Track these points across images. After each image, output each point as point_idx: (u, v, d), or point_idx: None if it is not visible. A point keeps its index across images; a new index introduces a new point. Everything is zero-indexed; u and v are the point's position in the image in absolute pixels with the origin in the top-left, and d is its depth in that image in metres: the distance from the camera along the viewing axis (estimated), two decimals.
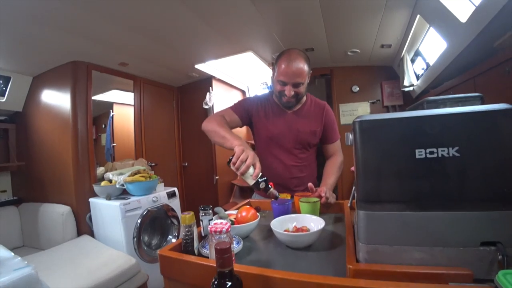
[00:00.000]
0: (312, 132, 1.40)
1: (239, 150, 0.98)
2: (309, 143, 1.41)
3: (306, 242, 0.81)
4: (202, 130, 1.33)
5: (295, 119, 1.40)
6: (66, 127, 2.44)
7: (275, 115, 1.42)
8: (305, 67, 1.26)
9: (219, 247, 0.51)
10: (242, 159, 0.96)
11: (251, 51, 2.64)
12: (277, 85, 1.32)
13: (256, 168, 0.98)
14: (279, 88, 1.31)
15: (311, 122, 1.41)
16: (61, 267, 1.78)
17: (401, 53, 2.77)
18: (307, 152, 1.44)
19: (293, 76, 1.25)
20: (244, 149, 0.99)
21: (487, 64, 1.50)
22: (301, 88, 1.30)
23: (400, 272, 0.57)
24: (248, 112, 1.43)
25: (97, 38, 2.14)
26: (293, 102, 1.34)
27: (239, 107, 1.43)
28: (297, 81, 1.26)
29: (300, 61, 1.25)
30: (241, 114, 1.41)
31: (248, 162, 0.96)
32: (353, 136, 0.59)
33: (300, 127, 1.39)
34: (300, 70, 1.25)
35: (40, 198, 2.59)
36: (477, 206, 0.55)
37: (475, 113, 0.55)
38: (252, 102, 1.46)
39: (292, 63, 1.24)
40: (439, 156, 0.55)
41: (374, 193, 0.59)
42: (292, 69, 1.24)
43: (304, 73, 1.26)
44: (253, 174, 0.97)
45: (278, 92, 1.33)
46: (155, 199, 2.40)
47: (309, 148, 1.43)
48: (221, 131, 1.19)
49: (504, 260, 0.52)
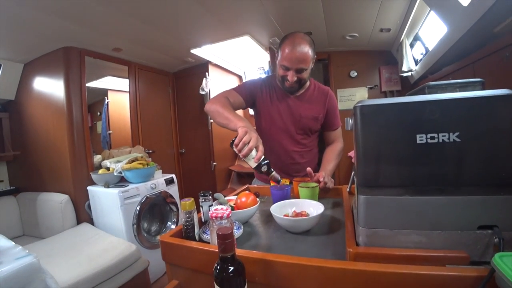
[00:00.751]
0: (315, 117, 1.39)
1: (242, 131, 0.97)
2: (311, 128, 1.41)
3: (306, 226, 0.82)
4: (205, 111, 1.31)
5: (298, 104, 1.39)
6: (61, 114, 2.41)
7: (278, 99, 1.40)
8: (309, 52, 1.22)
9: (221, 233, 0.51)
10: (245, 141, 0.95)
11: (248, 35, 2.59)
12: (280, 69, 1.30)
13: (259, 151, 0.97)
14: (282, 73, 1.29)
15: (314, 107, 1.40)
16: (62, 255, 1.80)
17: (400, 38, 2.73)
18: (309, 138, 1.43)
19: (296, 62, 1.22)
20: (247, 131, 0.97)
21: (487, 50, 1.49)
22: (304, 73, 1.28)
23: (399, 255, 0.58)
24: (252, 94, 1.41)
25: (89, 23, 2.08)
26: (295, 87, 1.33)
27: (243, 88, 1.41)
28: (300, 66, 1.24)
29: (305, 46, 1.21)
30: (245, 95, 1.39)
31: (250, 145, 0.94)
32: (354, 121, 0.59)
33: (302, 112, 1.38)
34: (304, 56, 1.21)
35: (38, 187, 2.59)
36: (475, 191, 0.56)
37: (476, 99, 0.55)
38: (256, 84, 1.45)
39: (296, 47, 1.20)
40: (440, 141, 0.55)
41: (374, 178, 0.59)
42: (296, 55, 1.21)
43: (308, 58, 1.23)
44: (256, 157, 0.96)
45: (281, 77, 1.31)
46: (153, 186, 2.40)
47: (311, 134, 1.43)
48: (225, 112, 1.17)
49: (500, 243, 0.53)
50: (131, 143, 3.01)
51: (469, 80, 0.63)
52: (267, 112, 1.41)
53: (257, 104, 1.44)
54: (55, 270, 1.51)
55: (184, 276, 0.76)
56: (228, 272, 0.52)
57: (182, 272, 0.76)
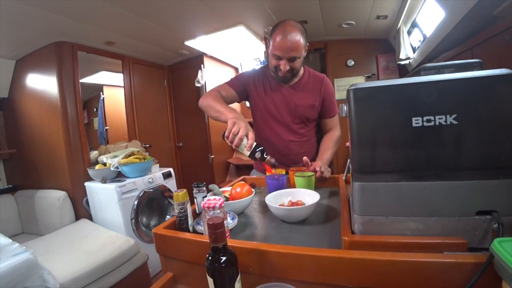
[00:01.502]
0: (310, 105, 1.37)
1: (231, 123, 0.98)
2: (308, 117, 1.39)
3: (301, 216, 0.81)
4: (199, 106, 1.32)
5: (292, 93, 1.37)
6: (55, 111, 2.37)
7: (272, 90, 1.39)
8: (301, 40, 1.20)
9: (212, 222, 0.50)
10: (234, 132, 0.96)
11: (243, 25, 2.54)
12: (272, 59, 1.28)
13: (249, 138, 0.97)
14: (274, 62, 1.27)
15: (309, 95, 1.37)
16: (61, 251, 1.79)
17: (397, 25, 2.69)
18: (306, 127, 1.41)
19: (288, 50, 1.20)
20: (235, 122, 0.98)
21: (486, 34, 1.46)
22: (297, 62, 1.26)
23: (395, 243, 0.57)
24: (245, 87, 1.40)
25: (81, 16, 2.03)
26: (288, 77, 1.31)
27: (236, 81, 1.41)
28: (292, 55, 1.21)
29: (296, 34, 1.18)
30: (238, 88, 1.38)
31: (240, 134, 0.95)
32: (348, 105, 0.57)
33: (297, 101, 1.35)
34: (295, 44, 1.19)
35: (35, 185, 2.57)
36: (474, 175, 0.54)
37: (474, 79, 0.53)
38: (249, 76, 1.43)
39: (287, 36, 1.18)
40: (437, 124, 0.53)
41: (369, 163, 0.58)
42: (287, 43, 1.18)
43: (299, 46, 1.21)
44: (247, 145, 0.97)
45: (274, 66, 1.29)
46: (151, 180, 2.39)
47: (308, 123, 1.41)
48: (216, 106, 1.19)
49: (499, 228, 0.52)
50: (128, 139, 2.99)
51: (467, 61, 0.60)
52: (261, 104, 1.39)
53: (251, 96, 1.42)
54: (54, 266, 1.51)
55: (179, 268, 0.75)
56: (220, 262, 0.51)
57: (177, 264, 0.75)
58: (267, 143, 1.36)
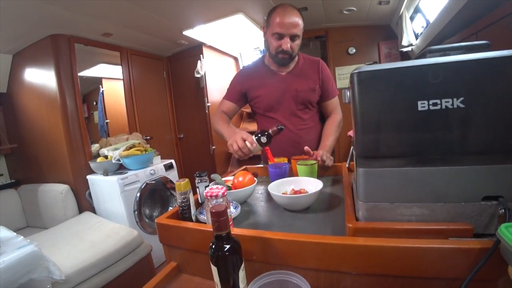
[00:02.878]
0: (312, 89, 1.36)
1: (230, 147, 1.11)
2: (310, 101, 1.38)
3: (304, 204, 0.81)
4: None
5: (292, 79, 1.37)
6: (54, 104, 2.36)
7: (271, 80, 1.38)
8: (300, 20, 1.24)
9: (215, 210, 0.49)
10: (236, 151, 1.07)
11: (242, 13, 2.49)
12: (272, 40, 1.27)
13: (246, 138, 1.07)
14: (275, 43, 1.26)
15: (308, 79, 1.37)
16: (66, 243, 1.81)
17: (399, 10, 2.63)
18: (310, 112, 1.41)
19: (290, 27, 1.21)
20: (231, 143, 1.09)
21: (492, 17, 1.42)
22: (296, 42, 1.27)
23: (400, 229, 0.56)
24: (241, 92, 1.43)
25: (76, 7, 1.99)
26: (287, 58, 1.30)
27: (232, 92, 1.46)
28: (294, 32, 1.23)
29: (295, 14, 1.23)
30: (235, 98, 1.44)
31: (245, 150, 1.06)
32: (351, 89, 0.55)
33: (298, 87, 1.35)
34: (296, 22, 1.22)
35: (38, 179, 2.58)
36: (480, 160, 0.53)
37: (482, 60, 0.51)
38: (243, 77, 1.45)
39: (288, 14, 1.21)
40: (443, 108, 0.52)
41: (373, 148, 0.56)
42: (289, 20, 1.21)
43: (299, 25, 1.24)
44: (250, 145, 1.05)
45: (275, 48, 1.27)
46: (152, 172, 2.39)
47: (311, 107, 1.41)
48: (219, 129, 1.36)
49: (506, 214, 0.51)
50: (128, 131, 2.98)
51: (474, 43, 0.58)
52: (263, 97, 1.39)
53: (250, 95, 1.42)
54: (59, 258, 1.52)
55: (182, 257, 0.75)
56: (224, 250, 0.51)
57: (180, 253, 0.75)
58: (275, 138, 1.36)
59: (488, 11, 1.44)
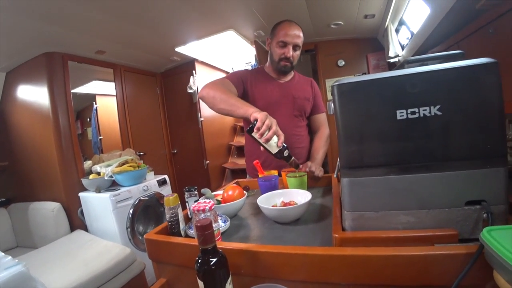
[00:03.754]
0: (307, 98, 1.47)
1: (263, 115, 0.91)
2: (305, 110, 1.47)
3: (294, 215, 0.81)
4: (200, 97, 1.25)
5: (289, 86, 1.46)
6: (47, 122, 2.35)
7: (270, 84, 1.45)
8: (301, 34, 1.36)
9: (200, 224, 0.49)
10: (268, 124, 0.89)
11: (232, 29, 2.55)
12: (276, 49, 1.36)
13: (280, 135, 0.92)
14: (279, 51, 1.35)
15: (304, 89, 1.48)
16: (56, 263, 1.76)
17: (385, 23, 2.71)
18: (303, 122, 1.48)
19: (294, 37, 1.32)
20: (267, 115, 0.92)
21: (471, 27, 1.47)
22: (298, 52, 1.38)
23: (386, 237, 0.57)
24: (243, 82, 1.41)
25: (70, 25, 2.02)
26: (289, 66, 1.39)
27: (234, 77, 1.39)
28: (297, 42, 1.34)
29: (298, 28, 1.36)
30: (237, 84, 1.36)
31: (274, 128, 0.90)
32: (333, 101, 0.57)
33: (295, 94, 1.43)
34: (299, 34, 1.34)
35: (28, 197, 2.53)
36: (461, 165, 0.54)
37: (456, 69, 0.53)
38: (245, 72, 1.49)
39: (292, 26, 1.34)
40: (421, 116, 0.53)
41: (356, 158, 0.57)
42: (294, 31, 1.33)
43: (301, 38, 1.36)
44: (278, 141, 0.92)
45: (279, 55, 1.36)
46: (145, 188, 2.37)
47: (304, 116, 1.49)
48: (230, 99, 1.12)
49: (489, 217, 0.52)
50: (121, 147, 2.97)
51: (449, 53, 0.61)
52: (261, 96, 1.41)
53: (249, 90, 1.41)
54: (50, 278, 1.48)
55: (172, 273, 0.74)
56: (210, 264, 0.50)
57: (170, 269, 0.74)
58: None
59: (467, 22, 1.49)
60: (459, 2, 1.47)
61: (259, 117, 0.91)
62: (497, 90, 0.51)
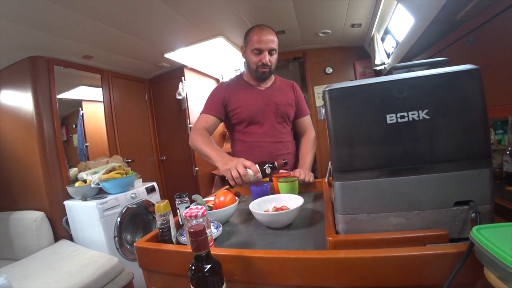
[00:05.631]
0: (289, 103, 1.45)
1: (226, 172, 1.02)
2: (288, 115, 1.45)
3: (286, 220, 0.81)
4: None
5: (271, 93, 1.43)
6: (30, 128, 2.28)
7: (251, 93, 1.42)
8: (275, 37, 1.35)
9: (193, 230, 0.49)
10: (236, 176, 0.99)
11: (222, 36, 2.57)
12: (252, 57, 1.35)
13: (250, 166, 1.01)
14: (255, 59, 1.34)
15: (286, 96, 1.46)
16: (39, 275, 1.69)
17: (371, 32, 2.79)
18: (287, 127, 1.48)
19: (268, 42, 1.31)
20: (228, 168, 1.01)
21: (452, 37, 1.54)
22: (275, 56, 1.37)
23: (379, 239, 0.57)
24: (222, 102, 1.40)
25: (56, 30, 1.99)
26: (267, 72, 1.37)
27: (212, 105, 1.41)
28: (271, 46, 1.32)
29: (271, 31, 1.34)
30: (217, 111, 1.39)
31: (242, 173, 0.99)
32: (324, 106, 0.58)
33: (277, 100, 1.42)
34: (272, 37, 1.33)
35: (10, 207, 2.42)
36: (449, 167, 0.56)
37: (442, 75, 0.55)
38: (223, 88, 1.45)
39: (264, 32, 1.32)
40: (410, 120, 0.55)
41: (348, 162, 0.58)
42: (266, 36, 1.31)
43: (275, 41, 1.34)
44: (253, 173, 1.01)
45: (255, 63, 1.35)
46: (134, 195, 2.32)
47: (289, 122, 1.48)
48: (203, 149, 1.23)
49: (477, 217, 0.53)
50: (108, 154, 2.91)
51: (434, 60, 0.63)
52: (242, 108, 1.39)
53: (230, 106, 1.41)
54: None
55: (163, 282, 0.72)
56: (204, 271, 0.50)
57: (161, 278, 0.72)
58: (252, 147, 1.39)
59: (449, 31, 1.55)
60: (441, 13, 1.53)
61: (226, 175, 1.02)
62: (480, 95, 0.54)
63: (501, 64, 1.15)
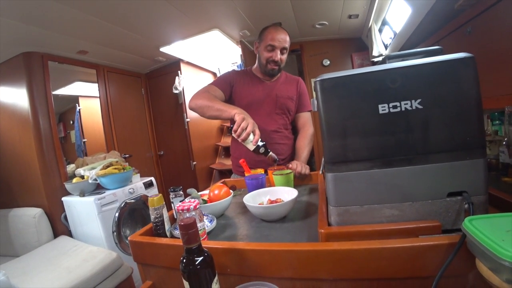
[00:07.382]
0: (290, 97, 1.50)
1: (240, 118, 1.06)
2: (288, 108, 1.50)
3: (280, 213, 0.80)
4: (190, 109, 1.37)
5: (274, 86, 1.50)
6: (26, 125, 2.26)
7: (255, 84, 1.49)
8: (288, 38, 1.40)
9: (183, 223, 0.48)
10: (243, 126, 1.04)
11: (218, 29, 2.53)
12: (264, 52, 1.40)
13: (256, 134, 1.06)
14: (267, 55, 1.40)
15: (288, 89, 1.52)
16: (39, 271, 1.70)
17: (368, 23, 2.76)
18: (286, 119, 1.51)
19: (282, 41, 1.37)
20: (244, 117, 1.07)
21: (450, 27, 1.52)
22: (285, 55, 1.42)
23: (371, 231, 0.57)
24: (230, 84, 1.48)
25: (50, 25, 1.95)
26: (276, 69, 1.43)
27: (221, 81, 1.48)
28: (284, 45, 1.38)
29: (285, 32, 1.40)
30: (224, 87, 1.45)
31: (248, 129, 1.04)
32: (316, 96, 0.57)
33: (278, 93, 1.48)
34: (286, 38, 1.39)
35: (8, 204, 2.42)
36: (442, 157, 0.55)
37: (435, 63, 0.54)
38: (232, 74, 1.54)
39: (279, 31, 1.38)
40: (403, 110, 0.54)
41: (340, 153, 0.57)
42: (281, 35, 1.37)
43: (288, 41, 1.40)
44: (253, 140, 1.06)
45: (266, 59, 1.40)
46: (131, 190, 2.32)
47: (288, 114, 1.51)
48: (215, 104, 1.26)
49: (470, 208, 0.53)
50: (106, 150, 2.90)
51: (428, 48, 0.62)
52: (245, 95, 1.47)
53: (235, 90, 1.48)
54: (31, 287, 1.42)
55: (158, 275, 0.72)
56: (195, 264, 0.49)
57: (155, 271, 0.72)
58: None
59: (446, 21, 1.53)
60: (438, 2, 1.51)
61: (237, 120, 1.07)
62: (474, 83, 0.53)
63: (499, 54, 1.13)
